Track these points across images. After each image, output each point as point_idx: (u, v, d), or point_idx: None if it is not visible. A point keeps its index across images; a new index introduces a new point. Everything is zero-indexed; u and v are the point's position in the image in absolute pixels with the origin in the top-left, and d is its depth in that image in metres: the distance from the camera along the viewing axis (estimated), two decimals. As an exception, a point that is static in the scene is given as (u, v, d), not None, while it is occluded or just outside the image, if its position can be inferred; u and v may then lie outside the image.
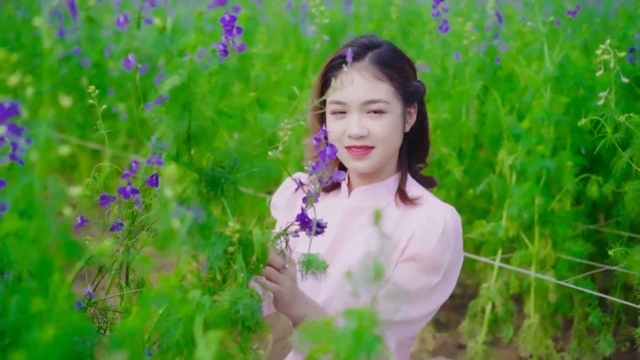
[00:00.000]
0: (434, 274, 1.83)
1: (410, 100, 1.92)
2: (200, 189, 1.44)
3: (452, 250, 1.83)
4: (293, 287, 1.60)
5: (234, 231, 1.42)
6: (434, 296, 1.85)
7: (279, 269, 1.57)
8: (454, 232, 1.84)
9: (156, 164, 1.50)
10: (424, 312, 1.84)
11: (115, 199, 1.67)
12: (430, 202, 1.91)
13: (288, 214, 2.05)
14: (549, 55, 3.04)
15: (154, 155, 1.48)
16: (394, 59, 1.89)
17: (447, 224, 1.83)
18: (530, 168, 2.98)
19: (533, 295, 3.03)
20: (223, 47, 1.64)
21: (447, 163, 3.36)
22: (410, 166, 1.99)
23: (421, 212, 1.88)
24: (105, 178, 1.63)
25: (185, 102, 1.36)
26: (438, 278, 1.83)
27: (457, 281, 1.90)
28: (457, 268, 1.88)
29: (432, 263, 1.82)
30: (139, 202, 1.64)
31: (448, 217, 1.85)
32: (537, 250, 3.03)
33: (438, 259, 1.82)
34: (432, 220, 1.84)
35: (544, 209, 3.01)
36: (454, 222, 1.85)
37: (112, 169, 1.65)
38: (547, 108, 2.99)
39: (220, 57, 1.52)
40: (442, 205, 1.90)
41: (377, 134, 1.86)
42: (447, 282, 1.86)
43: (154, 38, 1.31)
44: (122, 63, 1.47)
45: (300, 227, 1.57)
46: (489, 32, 3.65)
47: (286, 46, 4.53)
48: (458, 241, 1.86)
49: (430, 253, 1.81)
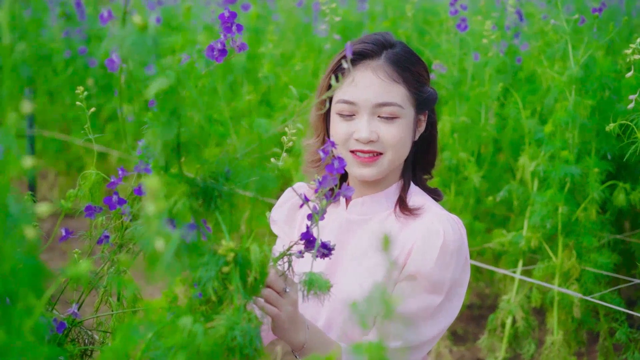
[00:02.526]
0: (436, 294, 1.67)
1: (422, 108, 1.78)
2: (192, 204, 1.29)
3: (455, 266, 1.68)
4: (294, 312, 1.48)
5: (228, 250, 1.27)
6: (438, 318, 1.69)
7: (279, 292, 1.43)
8: (455, 245, 1.68)
9: (145, 171, 1.35)
10: (428, 336, 1.69)
11: (101, 210, 1.53)
12: (431, 212, 1.74)
13: (288, 229, 1.90)
14: (574, 55, 2.87)
15: (141, 161, 1.33)
16: (410, 61, 1.75)
17: (447, 236, 1.67)
18: (553, 174, 2.81)
19: (556, 310, 2.86)
20: (222, 46, 1.51)
21: (465, 169, 3.20)
22: (416, 176, 1.84)
23: (420, 224, 1.72)
24: (90, 187, 1.48)
25: (173, 107, 1.21)
26: (441, 298, 1.67)
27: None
28: (463, 285, 1.73)
29: (433, 281, 1.66)
30: (127, 213, 1.50)
31: (448, 229, 1.69)
32: (560, 262, 2.86)
33: (439, 276, 1.66)
34: (430, 233, 1.69)
35: (568, 218, 2.85)
36: (455, 235, 1.69)
37: (98, 177, 1.50)
38: (571, 111, 2.82)
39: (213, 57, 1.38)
40: (443, 215, 1.74)
41: (388, 140, 1.71)
42: (452, 301, 1.71)
43: (133, 38, 1.15)
44: (106, 63, 1.33)
45: (305, 247, 1.43)
46: (509, 31, 3.48)
47: (297, 46, 4.38)
48: (461, 256, 1.70)
49: (430, 270, 1.66)
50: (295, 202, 1.91)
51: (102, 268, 1.54)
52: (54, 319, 1.53)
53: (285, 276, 1.45)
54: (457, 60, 3.28)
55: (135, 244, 1.51)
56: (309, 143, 1.86)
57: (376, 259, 1.74)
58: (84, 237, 1.58)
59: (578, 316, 2.83)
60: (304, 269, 1.43)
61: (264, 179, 1.35)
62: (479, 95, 3.23)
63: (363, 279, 1.73)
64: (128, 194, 1.44)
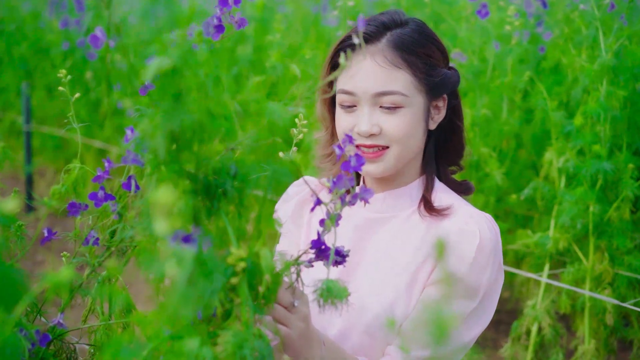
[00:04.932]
0: (470, 299, 1.50)
1: (437, 93, 1.57)
2: (196, 203, 1.08)
3: (491, 268, 1.51)
4: (305, 328, 1.30)
5: (238, 259, 1.07)
6: (471, 325, 1.52)
7: (287, 308, 1.26)
8: (492, 246, 1.51)
9: (133, 162, 1.15)
10: (458, 344, 1.52)
11: (87, 207, 1.33)
12: (462, 212, 1.57)
13: (294, 227, 1.71)
14: (604, 43, 2.67)
15: (129, 152, 1.13)
16: (417, 42, 1.54)
17: (483, 237, 1.50)
18: (584, 171, 2.61)
19: (587, 317, 2.65)
20: (218, 22, 1.30)
21: (486, 165, 2.99)
22: (439, 170, 1.64)
23: (452, 224, 1.54)
24: (74, 182, 1.28)
25: (176, 92, 1.00)
26: (474, 303, 1.51)
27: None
28: (497, 290, 1.56)
29: (467, 285, 1.50)
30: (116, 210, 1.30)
31: (484, 228, 1.52)
32: (591, 265, 2.66)
33: (474, 280, 1.50)
34: (465, 234, 1.51)
35: (600, 218, 2.64)
36: (492, 235, 1.52)
37: (82, 170, 1.30)
38: (603, 102, 2.61)
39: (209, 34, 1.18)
40: (476, 214, 1.56)
41: (391, 133, 1.52)
42: (486, 307, 1.54)
43: (143, 6, 0.95)
44: (89, 40, 1.13)
45: (315, 256, 1.23)
46: (532, 18, 3.27)
47: (305, 37, 4.17)
48: (497, 257, 1.54)
49: (465, 273, 1.49)
50: (302, 198, 1.73)
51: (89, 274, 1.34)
52: (36, 330, 1.34)
53: (294, 289, 1.26)
54: (477, 50, 3.08)
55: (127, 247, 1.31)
56: (320, 136, 1.70)
57: (400, 262, 1.55)
58: (69, 238, 1.38)
59: (610, 323, 2.63)
60: (317, 275, 1.25)
61: (278, 173, 1.15)
62: (501, 86, 3.03)
63: (384, 285, 1.55)
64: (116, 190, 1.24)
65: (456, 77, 1.62)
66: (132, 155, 1.12)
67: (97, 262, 1.23)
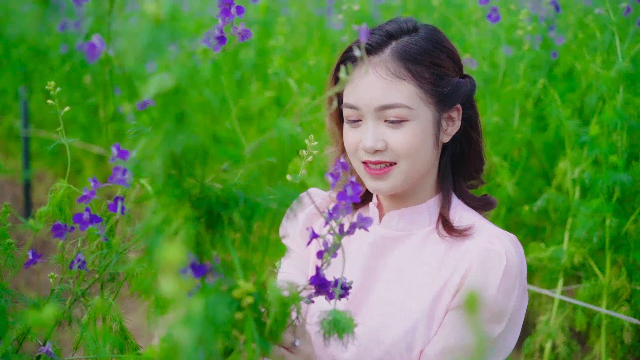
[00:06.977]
0: (496, 323, 1.43)
1: (448, 104, 1.47)
2: (199, 230, 0.98)
3: (517, 291, 1.44)
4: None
5: (244, 293, 0.97)
6: (495, 351, 1.46)
7: (288, 349, 1.18)
8: (518, 268, 1.44)
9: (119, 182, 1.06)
10: None
11: (73, 229, 1.23)
12: (485, 231, 1.49)
13: (302, 242, 1.64)
14: (621, 48, 2.57)
15: (117, 171, 1.03)
16: (424, 51, 1.44)
17: (510, 258, 1.43)
18: (600, 182, 2.50)
19: (604, 335, 2.55)
20: (220, 33, 1.22)
21: (496, 174, 2.89)
22: (457, 185, 1.54)
23: (475, 244, 1.46)
24: (59, 202, 1.18)
25: (179, 112, 0.90)
26: (501, 328, 1.44)
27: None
28: (522, 313, 1.49)
29: (494, 309, 1.42)
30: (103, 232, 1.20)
31: (510, 249, 1.44)
32: (608, 281, 2.55)
33: (501, 304, 1.42)
34: (490, 255, 1.44)
35: (617, 231, 2.54)
36: (518, 257, 1.45)
37: (69, 190, 1.20)
38: (620, 111, 2.51)
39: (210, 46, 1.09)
40: (501, 234, 1.48)
41: (397, 148, 1.44)
42: (511, 332, 1.47)
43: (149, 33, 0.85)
44: (86, 50, 1.04)
45: (315, 292, 1.13)
46: (543, 22, 3.17)
47: (309, 41, 4.07)
48: (523, 280, 1.47)
49: (491, 297, 1.41)
50: (311, 212, 1.65)
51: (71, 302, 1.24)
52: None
53: (295, 326, 1.17)
54: (487, 55, 2.97)
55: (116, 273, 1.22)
56: (331, 151, 1.62)
57: (419, 284, 1.47)
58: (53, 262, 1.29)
59: (628, 342, 2.52)
60: (323, 305, 1.16)
61: (286, 196, 1.05)
62: (513, 92, 2.92)
63: (403, 308, 1.47)
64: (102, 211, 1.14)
65: (470, 86, 1.52)
66: (118, 174, 1.02)
67: (80, 291, 1.13)
